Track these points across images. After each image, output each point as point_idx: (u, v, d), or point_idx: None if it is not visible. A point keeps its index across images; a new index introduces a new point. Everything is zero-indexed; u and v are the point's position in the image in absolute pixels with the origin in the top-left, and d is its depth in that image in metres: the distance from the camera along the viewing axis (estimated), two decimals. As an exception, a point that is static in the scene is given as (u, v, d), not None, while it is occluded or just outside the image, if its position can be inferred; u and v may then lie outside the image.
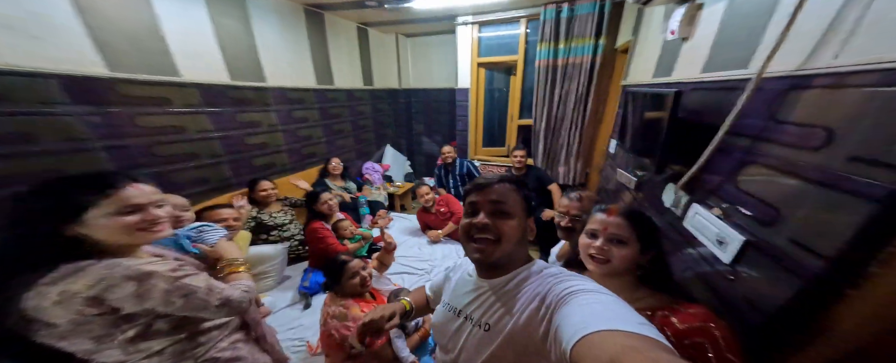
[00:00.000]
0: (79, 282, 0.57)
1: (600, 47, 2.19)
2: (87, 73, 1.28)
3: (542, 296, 0.46)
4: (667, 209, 0.98)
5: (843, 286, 0.44)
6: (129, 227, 0.63)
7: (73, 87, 1.24)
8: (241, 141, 1.95)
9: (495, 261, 0.53)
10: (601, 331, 0.34)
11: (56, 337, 0.57)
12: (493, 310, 0.52)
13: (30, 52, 1.13)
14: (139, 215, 0.65)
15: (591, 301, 0.40)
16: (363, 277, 1.20)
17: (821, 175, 0.49)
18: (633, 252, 0.64)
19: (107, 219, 0.61)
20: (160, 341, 0.67)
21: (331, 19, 2.55)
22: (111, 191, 0.62)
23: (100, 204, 0.61)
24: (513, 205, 0.54)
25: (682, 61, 1.06)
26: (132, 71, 1.41)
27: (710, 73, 0.88)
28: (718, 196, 0.75)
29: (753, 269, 0.61)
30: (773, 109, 0.61)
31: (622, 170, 1.44)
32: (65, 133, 1.23)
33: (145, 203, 0.67)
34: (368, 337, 0.68)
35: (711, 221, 0.75)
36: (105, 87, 1.33)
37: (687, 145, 0.91)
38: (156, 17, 1.46)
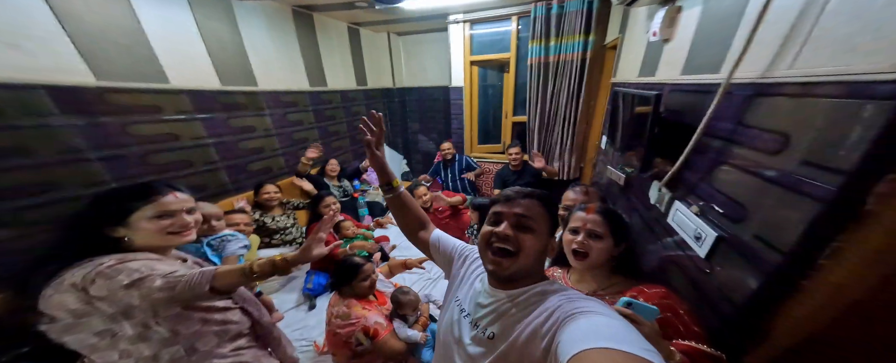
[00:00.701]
0: (77, 275, 0.62)
1: (590, 44, 2.22)
2: (73, 82, 1.25)
3: (550, 312, 0.46)
4: (653, 206, 1.03)
5: (797, 277, 0.49)
6: (162, 230, 0.72)
7: (61, 98, 1.22)
8: (235, 146, 1.95)
9: (510, 275, 0.53)
10: (601, 348, 0.34)
11: (61, 330, 0.62)
12: (502, 321, 0.52)
13: (13, 63, 1.11)
14: (171, 220, 0.73)
15: (598, 321, 0.40)
16: (373, 280, 1.25)
17: (779, 176, 0.53)
18: (609, 245, 0.73)
19: (148, 223, 0.70)
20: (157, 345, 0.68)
21: (320, 20, 2.53)
22: (155, 196, 0.72)
23: (144, 208, 0.70)
24: (538, 221, 0.53)
25: (664, 62, 1.10)
26: (120, 79, 1.39)
27: (689, 75, 0.92)
28: (696, 194, 0.79)
29: (725, 263, 0.66)
30: (740, 114, 0.65)
31: (612, 167, 1.49)
32: (60, 145, 1.23)
33: (178, 209, 0.75)
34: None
35: (690, 218, 0.80)
36: (94, 97, 1.31)
37: (669, 144, 0.95)
38: (139, 23, 1.43)
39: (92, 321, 0.63)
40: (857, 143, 0.41)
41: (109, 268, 0.62)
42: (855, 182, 0.41)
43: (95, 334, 0.64)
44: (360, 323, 1.14)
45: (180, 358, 0.70)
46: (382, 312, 1.27)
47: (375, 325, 1.15)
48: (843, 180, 0.42)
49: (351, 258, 1.27)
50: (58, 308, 0.61)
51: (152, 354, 0.67)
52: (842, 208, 0.43)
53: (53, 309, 0.61)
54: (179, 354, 0.70)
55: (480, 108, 3.32)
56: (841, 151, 0.43)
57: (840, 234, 0.44)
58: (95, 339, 0.64)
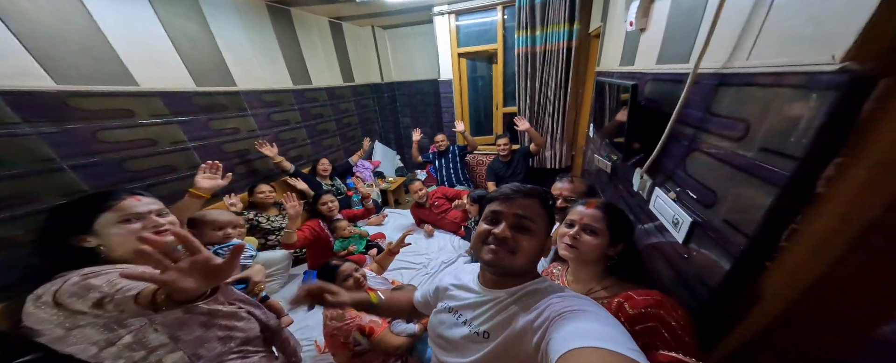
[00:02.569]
0: (55, 285, 0.61)
1: (575, 32, 2.21)
2: (30, 87, 1.18)
3: (542, 309, 0.47)
4: (635, 193, 1.06)
5: (762, 259, 0.52)
6: (135, 234, 0.70)
7: (21, 105, 1.15)
8: (219, 149, 1.90)
9: (505, 271, 0.53)
10: (590, 347, 0.35)
11: (55, 342, 0.62)
12: (494, 319, 0.52)
13: None
14: (141, 223, 0.72)
15: (586, 320, 0.41)
16: (356, 279, 1.23)
17: (742, 162, 0.56)
18: (602, 242, 0.70)
19: (116, 228, 0.69)
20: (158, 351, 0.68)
21: (299, 15, 2.46)
22: (112, 202, 0.70)
23: (105, 215, 0.69)
24: (536, 221, 0.53)
25: (642, 51, 1.11)
26: (83, 82, 1.32)
27: (663, 64, 0.93)
28: (673, 180, 0.82)
29: (700, 247, 0.68)
30: (707, 102, 0.67)
31: (599, 155, 1.51)
32: (28, 154, 1.18)
33: (146, 212, 0.73)
34: (310, 299, 0.71)
35: (668, 204, 0.82)
36: (56, 102, 1.24)
37: (649, 133, 0.97)
38: (94, 22, 1.34)
39: (86, 331, 0.62)
40: (805, 130, 0.43)
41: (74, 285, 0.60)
42: (806, 167, 0.44)
43: (93, 343, 0.63)
44: (355, 322, 1.15)
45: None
46: None
47: (370, 323, 1.15)
48: (796, 166, 0.44)
49: (329, 262, 1.26)
50: (39, 323, 0.61)
51: (156, 360, 0.68)
52: (796, 192, 0.46)
53: (36, 324, 0.61)
54: (181, 360, 0.70)
55: (471, 100, 3.31)
56: (792, 138, 0.45)
57: (797, 217, 0.46)
58: (95, 349, 0.64)
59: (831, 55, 0.39)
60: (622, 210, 0.74)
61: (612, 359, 0.34)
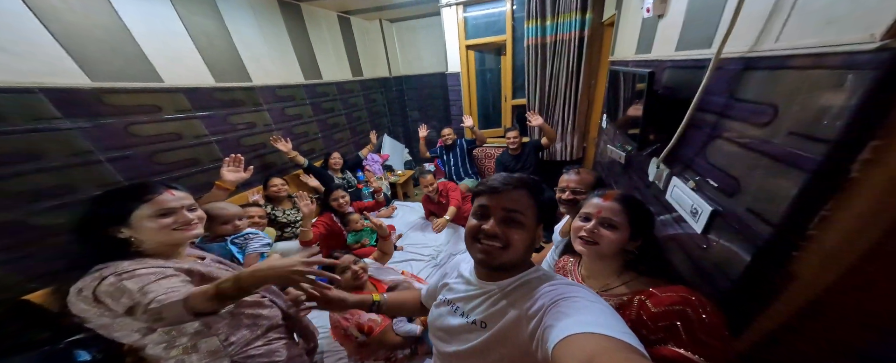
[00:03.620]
0: (93, 280, 0.63)
1: (587, 22, 2.15)
2: (69, 84, 1.25)
3: (536, 298, 0.47)
4: (651, 183, 1.04)
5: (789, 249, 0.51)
6: (166, 228, 0.72)
7: (61, 101, 1.22)
8: (238, 142, 1.96)
9: (498, 266, 0.53)
10: (584, 333, 0.36)
11: (100, 327, 0.66)
12: (490, 310, 0.52)
13: (7, 66, 1.10)
14: (173, 217, 0.74)
15: (580, 307, 0.42)
16: (354, 271, 1.23)
17: (768, 148, 0.54)
18: (622, 237, 0.65)
19: (149, 222, 0.70)
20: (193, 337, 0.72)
21: (308, 10, 2.47)
22: (151, 195, 0.72)
23: (142, 208, 0.70)
24: (526, 213, 0.52)
25: (659, 39, 1.08)
26: (114, 79, 1.38)
27: (682, 51, 0.90)
28: (692, 169, 0.80)
29: (721, 237, 0.67)
30: (732, 88, 0.65)
31: (612, 146, 1.49)
32: (68, 148, 1.25)
33: (178, 207, 0.75)
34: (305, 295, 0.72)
35: (687, 193, 0.81)
36: (92, 98, 1.31)
37: (666, 121, 0.95)
38: (121, 21, 1.40)
39: (126, 320, 0.65)
40: (840, 112, 0.42)
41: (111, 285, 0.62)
42: (839, 151, 0.42)
43: (135, 331, 0.68)
44: (354, 320, 1.14)
45: (217, 348, 0.75)
46: None
47: (369, 322, 1.14)
48: (828, 149, 0.43)
49: (331, 254, 1.26)
50: (83, 313, 0.64)
51: (192, 344, 0.72)
52: (828, 178, 0.44)
53: (80, 314, 0.65)
54: (215, 345, 0.74)
55: (479, 93, 3.27)
56: (825, 121, 0.44)
57: (828, 203, 0.45)
58: (137, 335, 0.68)
59: (870, 34, 0.38)
60: (642, 202, 0.70)
61: (606, 343, 0.34)
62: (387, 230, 1.52)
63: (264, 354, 0.81)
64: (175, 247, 0.77)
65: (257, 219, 1.51)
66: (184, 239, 0.77)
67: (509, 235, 0.51)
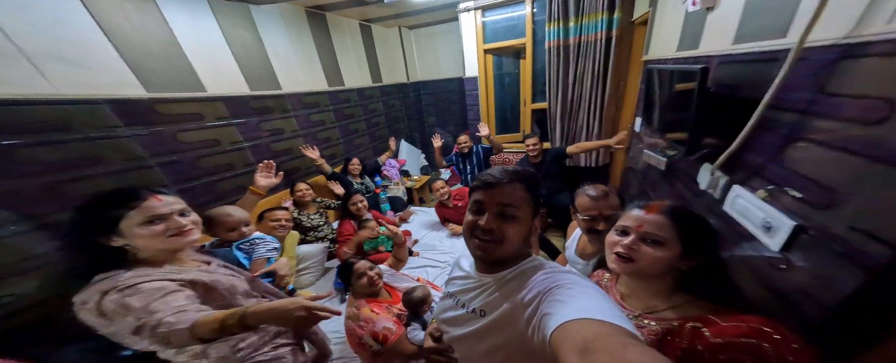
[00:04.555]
0: (94, 294, 0.61)
1: (615, 21, 2.06)
2: (129, 95, 1.36)
3: (532, 286, 0.49)
4: (703, 192, 0.94)
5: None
6: (160, 235, 0.69)
7: (121, 110, 1.33)
8: (268, 148, 2.03)
9: (495, 259, 0.55)
10: (579, 319, 0.37)
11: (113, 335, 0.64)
12: (489, 300, 0.54)
13: (77, 80, 1.21)
14: (164, 224, 0.70)
15: (575, 294, 0.43)
16: (370, 277, 1.21)
17: (882, 152, 0.45)
18: (670, 255, 0.55)
19: (140, 229, 0.67)
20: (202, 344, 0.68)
21: (333, 19, 2.54)
22: (135, 202, 0.68)
23: (129, 215, 0.67)
24: (521, 207, 0.53)
25: (709, 32, 0.98)
26: (165, 90, 1.48)
27: (743, 44, 0.81)
28: (763, 177, 0.70)
29: (808, 257, 0.57)
30: (821, 81, 0.56)
31: (650, 150, 1.38)
32: (126, 153, 1.35)
33: (168, 213, 0.71)
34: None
35: (755, 204, 0.71)
36: (146, 108, 1.41)
37: (722, 122, 0.85)
38: (173, 35, 1.51)
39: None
40: None
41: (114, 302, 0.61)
42: None
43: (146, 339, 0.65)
44: (369, 327, 1.11)
45: (226, 355, 0.75)
46: (393, 315, 1.23)
47: (384, 331, 1.11)
48: None
49: (347, 260, 1.27)
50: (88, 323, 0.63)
51: (202, 350, 0.71)
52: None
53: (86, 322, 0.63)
54: (225, 351, 0.74)
55: (497, 98, 3.22)
56: None
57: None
58: (145, 343, 0.66)
59: None
60: (698, 215, 0.59)
61: (602, 328, 0.35)
62: (402, 237, 1.49)
63: (270, 360, 0.80)
64: (174, 253, 0.75)
65: (284, 222, 1.53)
66: (181, 245, 0.74)
67: (504, 230, 0.52)
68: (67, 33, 1.17)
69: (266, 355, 0.81)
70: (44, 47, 1.12)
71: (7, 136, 1.06)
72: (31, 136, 1.10)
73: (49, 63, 1.14)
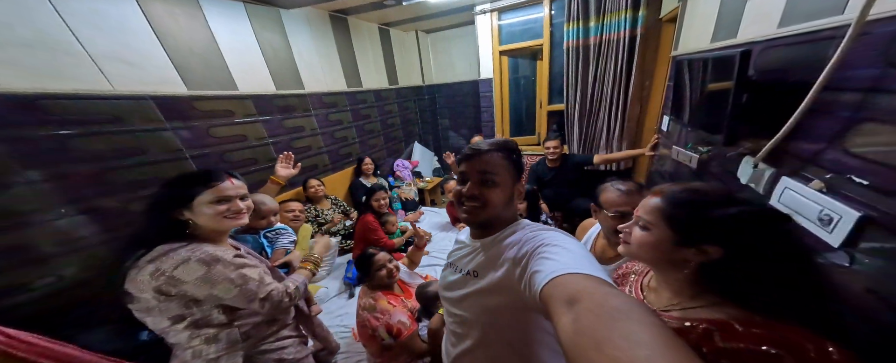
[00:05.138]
0: (167, 262, 0.67)
1: (640, 19, 2.01)
2: (172, 93, 1.46)
3: (520, 245, 0.52)
4: (745, 186, 0.87)
5: None
6: (220, 215, 0.76)
7: (164, 106, 1.43)
8: (288, 145, 2.10)
9: (481, 222, 0.60)
10: (565, 274, 0.40)
11: (142, 310, 0.69)
12: (483, 262, 0.59)
13: (131, 77, 1.31)
14: (227, 205, 0.77)
15: (560, 251, 0.46)
16: (389, 269, 1.23)
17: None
18: (656, 239, 0.52)
19: (207, 207, 0.74)
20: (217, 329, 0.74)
21: (354, 23, 2.62)
22: (214, 182, 0.76)
23: (205, 193, 0.74)
24: (500, 173, 0.58)
25: (750, 18, 0.93)
26: (203, 88, 1.59)
27: (790, 26, 0.75)
28: (818, 165, 0.64)
29: (877, 252, 0.51)
30: (890, 55, 0.51)
31: (680, 147, 1.31)
32: (166, 146, 1.45)
33: (234, 195, 0.79)
34: None
35: (810, 196, 0.65)
36: (186, 104, 1.52)
37: (766, 111, 0.80)
38: (213, 36, 1.61)
39: (170, 306, 0.68)
40: None
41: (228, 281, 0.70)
42: None
43: (169, 318, 0.69)
44: (384, 319, 1.12)
45: (236, 341, 0.76)
46: (407, 309, 1.24)
47: (398, 324, 1.12)
48: None
49: (366, 251, 1.28)
50: (139, 289, 0.66)
51: (213, 334, 0.73)
52: None
53: (136, 289, 0.67)
54: (235, 337, 0.76)
55: (512, 100, 3.20)
56: None
57: None
58: (168, 323, 0.69)
59: None
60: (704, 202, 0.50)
61: (587, 282, 0.38)
62: (426, 241, 1.50)
63: (274, 350, 0.82)
64: (222, 233, 0.81)
65: (298, 213, 1.58)
66: (231, 226, 0.79)
67: (486, 195, 0.58)
68: (126, 36, 1.30)
69: (271, 345, 0.82)
70: (106, 48, 1.24)
71: (69, 126, 1.16)
72: (86, 127, 1.21)
73: (108, 62, 1.25)
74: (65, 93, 1.15)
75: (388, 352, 1.16)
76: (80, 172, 1.19)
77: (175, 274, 0.66)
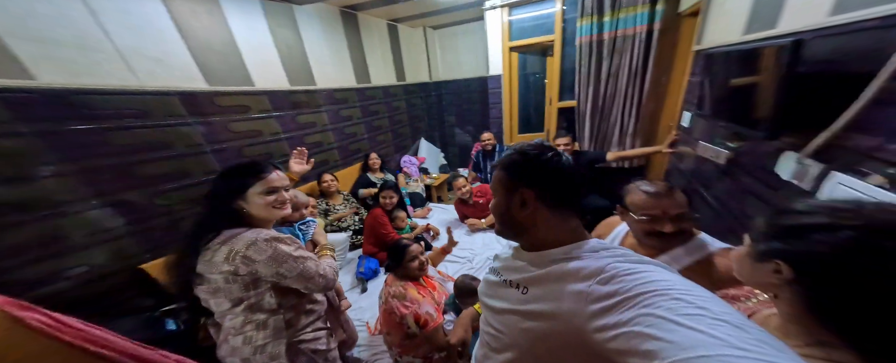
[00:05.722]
0: (239, 243, 0.73)
1: (658, 14, 1.98)
2: (194, 88, 1.49)
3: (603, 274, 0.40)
4: (786, 183, 0.85)
5: None
6: (268, 205, 0.81)
7: (187, 102, 1.47)
8: (301, 140, 2.10)
9: (507, 237, 0.59)
10: (717, 355, 0.26)
11: (209, 292, 0.75)
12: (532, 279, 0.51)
13: (156, 74, 1.36)
14: (274, 195, 0.82)
15: (693, 313, 0.30)
16: (421, 261, 1.26)
17: None
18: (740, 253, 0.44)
19: (259, 197, 0.80)
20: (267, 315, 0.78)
21: (364, 19, 2.60)
22: (263, 174, 0.81)
23: (256, 184, 0.80)
24: (497, 189, 0.57)
25: (793, 8, 0.90)
26: (222, 83, 1.61)
27: (845, 13, 0.72)
28: (878, 159, 0.62)
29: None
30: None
31: (706, 142, 1.28)
32: (188, 140, 1.49)
33: (279, 186, 0.84)
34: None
35: (867, 192, 0.62)
36: (207, 100, 1.55)
37: (815, 105, 0.77)
38: (231, 34, 1.63)
39: (234, 287, 0.73)
40: None
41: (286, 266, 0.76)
42: None
43: (231, 300, 0.74)
44: (414, 308, 1.14)
45: (281, 328, 0.80)
46: (435, 301, 1.27)
47: (426, 315, 1.14)
48: None
49: (400, 241, 1.31)
50: (211, 270, 0.72)
51: (263, 320, 0.78)
52: None
53: (208, 270, 0.72)
54: (280, 324, 0.80)
55: (521, 96, 3.17)
56: None
57: None
58: (228, 305, 0.74)
59: None
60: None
61: None
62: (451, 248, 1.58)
63: (311, 340, 0.87)
64: (269, 222, 0.86)
65: (312, 209, 1.56)
66: (278, 216, 0.85)
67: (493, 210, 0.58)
68: (152, 33, 1.33)
69: (307, 334, 0.87)
70: (135, 45, 1.28)
71: (101, 120, 1.21)
72: (116, 122, 1.25)
73: (137, 59, 1.29)
74: (97, 88, 1.18)
75: (410, 342, 1.17)
76: (108, 165, 1.23)
77: (248, 253, 0.72)
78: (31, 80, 1.04)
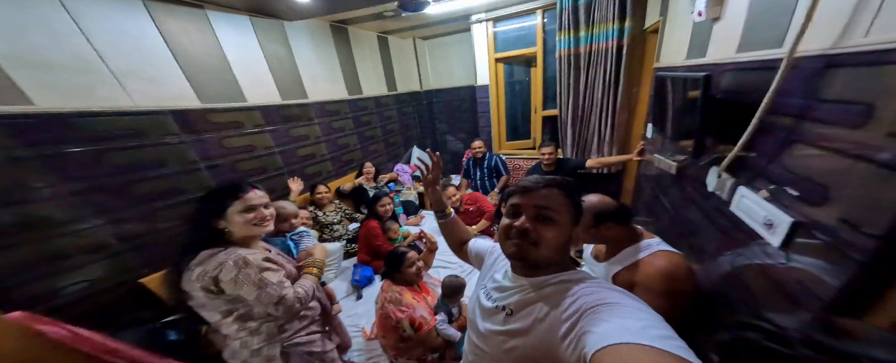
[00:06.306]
0: (211, 264, 0.76)
1: (626, 30, 2.11)
2: (187, 106, 1.54)
3: (574, 298, 0.46)
4: (711, 194, 0.97)
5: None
6: (249, 222, 0.84)
7: (180, 120, 1.51)
8: (294, 154, 2.18)
9: (531, 262, 0.53)
10: (630, 343, 0.33)
11: (198, 306, 0.79)
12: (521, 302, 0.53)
13: (150, 93, 1.40)
14: (254, 213, 0.85)
15: (622, 313, 0.39)
16: (418, 267, 1.33)
17: (864, 151, 0.49)
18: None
19: (238, 216, 0.83)
20: (259, 322, 0.83)
21: (354, 32, 2.71)
22: (241, 193, 0.84)
23: (234, 204, 0.83)
24: (559, 211, 0.52)
25: (716, 41, 1.03)
26: (215, 100, 1.66)
27: (745, 52, 0.86)
28: (765, 177, 0.74)
29: (805, 251, 0.61)
30: (812, 87, 0.60)
31: (661, 155, 1.41)
32: (182, 158, 1.54)
33: (258, 204, 0.87)
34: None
35: (758, 204, 0.75)
36: (200, 117, 1.60)
37: (727, 127, 0.90)
38: (222, 50, 1.69)
39: (217, 302, 0.78)
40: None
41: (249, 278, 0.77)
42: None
43: (220, 312, 0.79)
44: (409, 312, 1.21)
45: (274, 333, 0.85)
46: (428, 306, 1.34)
47: (421, 319, 1.21)
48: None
49: (397, 248, 1.37)
50: (192, 288, 0.76)
51: (255, 327, 0.82)
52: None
53: (190, 288, 0.77)
54: (273, 330, 0.84)
55: (508, 105, 3.30)
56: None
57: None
58: (219, 316, 0.79)
59: None
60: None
61: (659, 358, 0.31)
62: (436, 245, 1.59)
63: (305, 343, 0.91)
64: (253, 238, 0.90)
65: (305, 220, 1.66)
66: (259, 233, 0.89)
67: (541, 232, 0.51)
68: (144, 54, 1.38)
69: (301, 338, 0.90)
70: (127, 66, 1.33)
71: (97, 142, 1.26)
72: (112, 142, 1.30)
73: (130, 79, 1.34)
74: (92, 110, 1.23)
75: (405, 344, 1.24)
76: (106, 185, 1.28)
77: (216, 274, 0.75)
78: (31, 104, 1.07)
